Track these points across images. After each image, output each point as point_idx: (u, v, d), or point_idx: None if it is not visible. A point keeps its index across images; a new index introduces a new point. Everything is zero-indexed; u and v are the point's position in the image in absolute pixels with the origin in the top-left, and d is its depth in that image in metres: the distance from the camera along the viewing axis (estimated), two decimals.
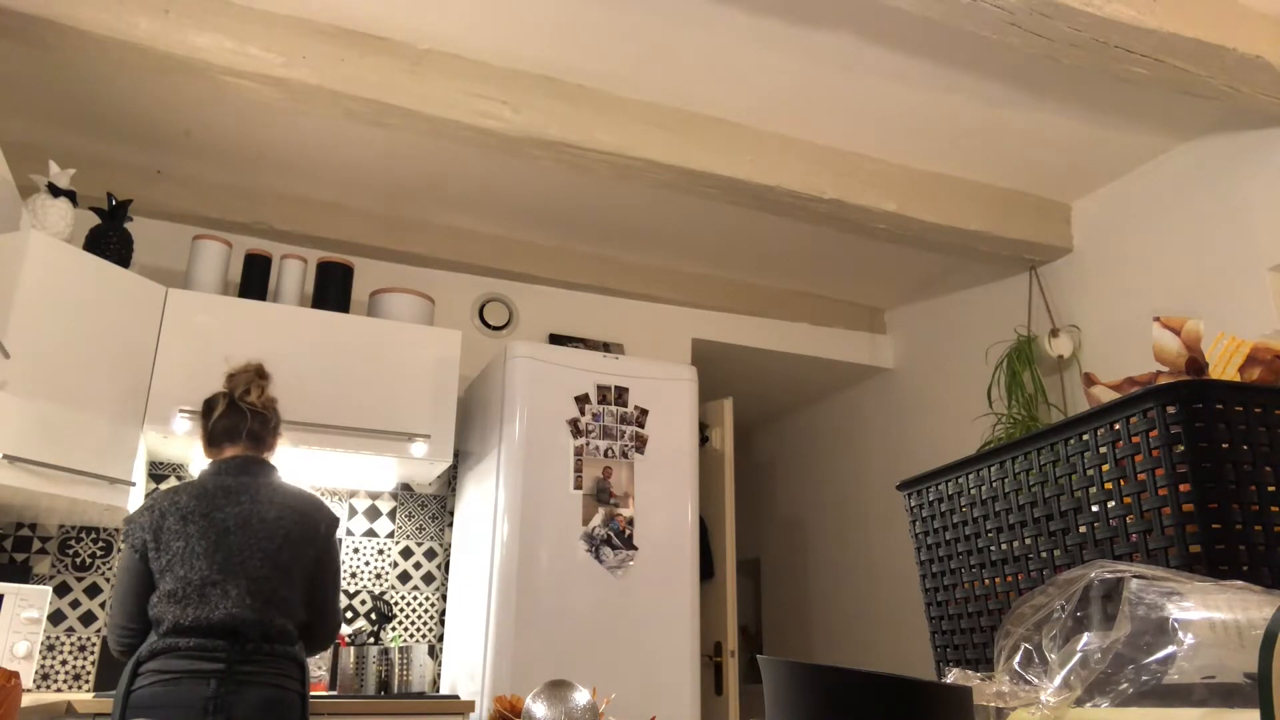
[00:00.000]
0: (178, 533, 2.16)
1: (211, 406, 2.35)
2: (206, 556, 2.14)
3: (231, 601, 2.11)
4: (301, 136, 3.20)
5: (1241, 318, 2.85)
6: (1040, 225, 3.53)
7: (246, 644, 2.11)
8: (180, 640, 2.07)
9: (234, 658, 2.09)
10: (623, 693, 2.82)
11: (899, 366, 4.58)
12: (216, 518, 2.19)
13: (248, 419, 2.33)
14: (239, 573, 2.15)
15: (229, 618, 2.09)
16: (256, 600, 2.14)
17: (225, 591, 2.12)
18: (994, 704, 0.75)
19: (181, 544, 2.15)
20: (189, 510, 2.19)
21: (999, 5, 2.23)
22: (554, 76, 2.90)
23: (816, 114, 3.06)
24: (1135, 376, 1.18)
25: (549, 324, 4.09)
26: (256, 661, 2.11)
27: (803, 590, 5.11)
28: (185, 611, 2.09)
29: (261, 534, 2.21)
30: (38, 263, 2.65)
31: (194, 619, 2.09)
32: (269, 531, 2.22)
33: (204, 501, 2.21)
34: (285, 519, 2.25)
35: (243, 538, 2.18)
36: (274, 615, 2.16)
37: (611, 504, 3.10)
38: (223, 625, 2.09)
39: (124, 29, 2.46)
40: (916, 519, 1.32)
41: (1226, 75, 2.51)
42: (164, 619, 2.11)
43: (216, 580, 2.13)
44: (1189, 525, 0.89)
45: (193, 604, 2.10)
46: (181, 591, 2.12)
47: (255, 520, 2.22)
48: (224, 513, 2.20)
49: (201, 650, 2.07)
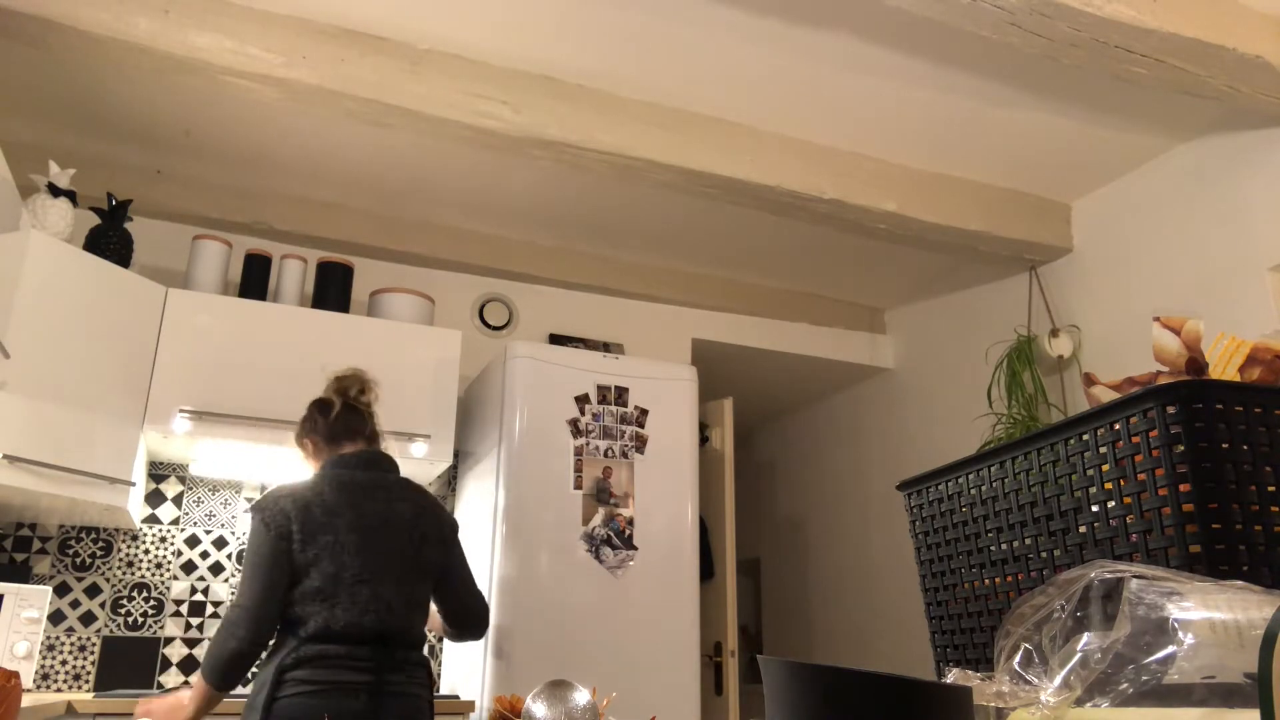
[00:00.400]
0: (324, 525, 2.08)
1: (328, 406, 2.30)
2: (357, 554, 2.07)
3: (383, 605, 2.06)
4: (301, 136, 3.20)
5: (1241, 318, 2.85)
6: (1040, 225, 3.53)
7: (395, 652, 2.06)
8: (330, 648, 1.99)
9: (382, 667, 2.03)
10: (623, 693, 2.82)
11: (899, 366, 4.58)
12: (361, 512, 2.12)
13: (366, 418, 2.32)
14: (385, 574, 2.09)
15: (379, 623, 2.04)
16: (400, 603, 2.09)
17: (376, 593, 2.06)
18: (994, 704, 0.75)
19: (330, 537, 2.07)
20: (333, 503, 2.11)
21: (999, 5, 2.23)
22: (554, 76, 2.90)
23: (816, 114, 3.06)
24: (1135, 376, 1.18)
25: (549, 324, 4.09)
26: (401, 670, 2.07)
27: (803, 590, 5.11)
28: (335, 614, 2.01)
29: (402, 532, 2.16)
30: (38, 263, 2.65)
31: (345, 623, 2.01)
32: (408, 530, 2.17)
33: (345, 495, 2.13)
34: (421, 517, 2.21)
35: (386, 536, 2.13)
36: (415, 620, 2.13)
37: (611, 504, 3.10)
38: (372, 629, 2.03)
39: (124, 29, 2.46)
40: (916, 519, 1.32)
41: (1226, 75, 2.50)
42: (309, 619, 2.01)
43: (366, 580, 2.06)
44: (1189, 525, 0.89)
45: (342, 605, 2.02)
46: (331, 589, 2.03)
47: (395, 518, 2.16)
48: (366, 508, 2.13)
49: (351, 659, 2.00)
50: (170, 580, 3.22)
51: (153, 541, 3.24)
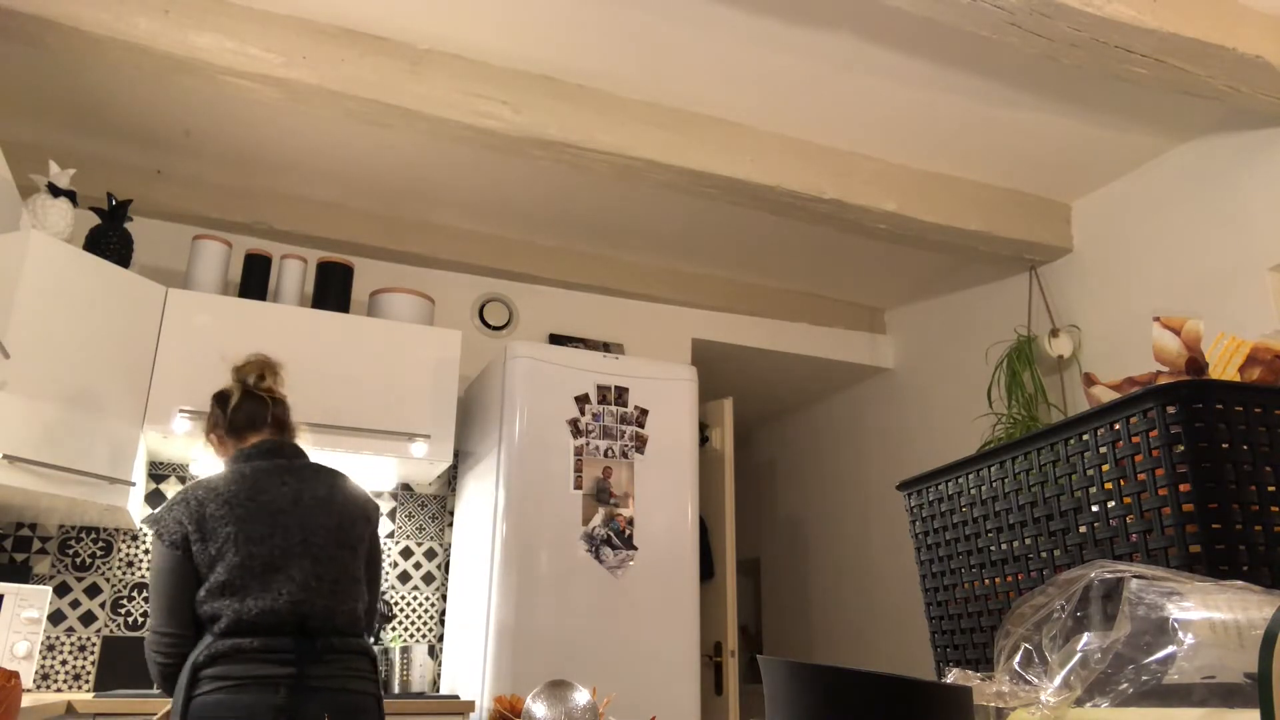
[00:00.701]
0: (224, 518, 1.94)
1: (226, 396, 2.18)
2: (264, 539, 1.93)
3: (297, 585, 1.92)
4: (301, 136, 3.20)
5: (1241, 318, 2.86)
6: (1040, 225, 3.53)
7: (316, 640, 1.92)
8: (244, 641, 1.86)
9: (304, 659, 1.89)
10: (623, 693, 2.82)
11: (899, 366, 4.58)
12: (264, 500, 1.98)
13: (268, 405, 2.17)
14: (301, 552, 1.95)
15: (296, 605, 1.90)
16: (324, 583, 1.95)
17: (289, 575, 1.92)
18: (994, 704, 0.75)
19: (231, 529, 1.93)
20: (231, 495, 1.97)
21: (999, 5, 2.23)
22: (554, 76, 2.90)
23: (816, 114, 3.06)
24: (1135, 376, 1.18)
25: (549, 324, 4.09)
26: (327, 662, 1.92)
27: (803, 590, 5.11)
28: (246, 603, 1.88)
29: (318, 510, 2.02)
30: (38, 263, 2.65)
31: (258, 611, 1.88)
32: (325, 508, 2.03)
33: (245, 485, 2.00)
34: (337, 496, 2.07)
35: (298, 515, 1.99)
36: (342, 599, 1.98)
37: (611, 504, 3.10)
38: (290, 615, 1.90)
39: (124, 29, 2.46)
40: (916, 519, 1.32)
41: (1226, 75, 2.50)
42: (220, 614, 1.89)
43: (278, 563, 1.93)
44: (1189, 525, 0.89)
45: (253, 593, 1.89)
46: (240, 580, 1.90)
47: (308, 497, 2.03)
48: (271, 494, 2.00)
49: (268, 651, 1.87)
50: None
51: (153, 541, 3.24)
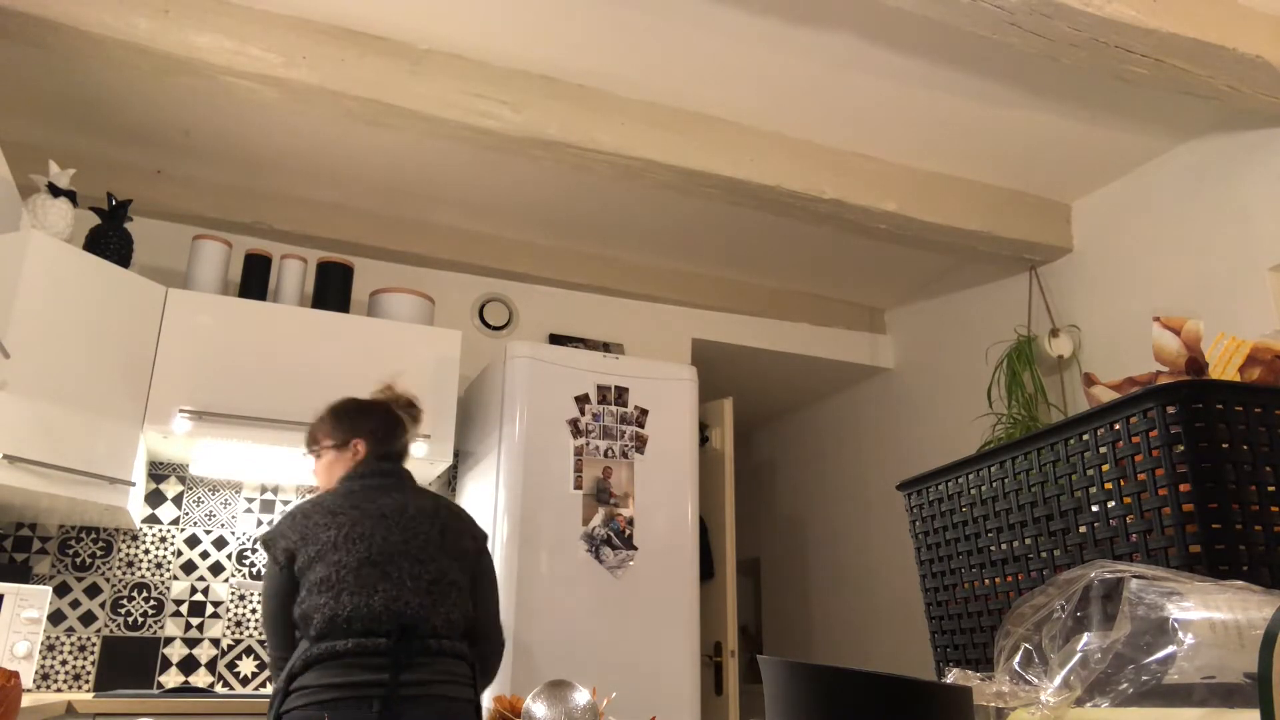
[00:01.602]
0: (326, 525, 1.95)
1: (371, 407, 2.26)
2: (363, 539, 1.92)
3: (393, 584, 1.88)
4: (301, 137, 3.20)
5: (1241, 318, 2.86)
6: (1040, 225, 3.53)
7: (415, 642, 1.85)
8: (337, 643, 1.81)
9: (399, 662, 1.83)
10: (623, 693, 2.82)
11: (899, 366, 4.58)
12: (367, 507, 2.00)
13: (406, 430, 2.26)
14: (400, 555, 1.93)
15: (391, 604, 1.86)
16: (420, 582, 1.91)
17: (385, 573, 1.89)
18: (994, 704, 0.75)
19: (332, 533, 1.93)
20: (336, 505, 2.00)
21: (999, 5, 2.23)
22: (554, 76, 2.90)
23: (816, 114, 3.05)
24: (1135, 376, 1.18)
25: (549, 324, 4.09)
26: (424, 666, 1.86)
27: (803, 590, 5.11)
28: (340, 600, 1.84)
29: (419, 519, 2.01)
30: (38, 263, 2.65)
31: (351, 608, 1.84)
32: (429, 517, 2.03)
33: (351, 497, 2.02)
34: (442, 511, 2.08)
35: (401, 520, 1.99)
36: (440, 601, 1.93)
37: (611, 504, 3.10)
38: (385, 615, 1.85)
39: (124, 29, 2.46)
40: (916, 519, 1.32)
41: (1226, 75, 2.50)
42: (314, 614, 1.85)
43: (376, 560, 1.90)
44: (1189, 525, 0.89)
45: (348, 588, 1.85)
46: (335, 576, 1.87)
47: (411, 508, 2.03)
48: (375, 503, 2.01)
49: (362, 654, 1.82)
50: (170, 580, 3.22)
51: (153, 541, 3.24)
